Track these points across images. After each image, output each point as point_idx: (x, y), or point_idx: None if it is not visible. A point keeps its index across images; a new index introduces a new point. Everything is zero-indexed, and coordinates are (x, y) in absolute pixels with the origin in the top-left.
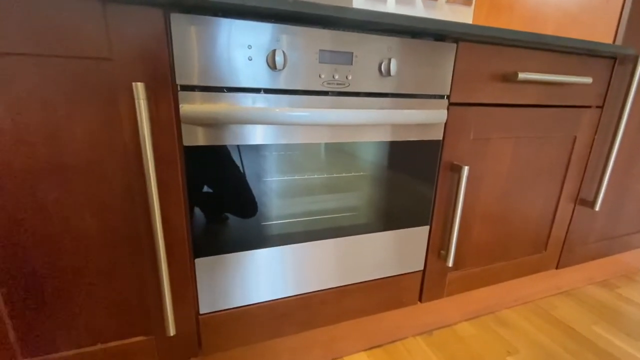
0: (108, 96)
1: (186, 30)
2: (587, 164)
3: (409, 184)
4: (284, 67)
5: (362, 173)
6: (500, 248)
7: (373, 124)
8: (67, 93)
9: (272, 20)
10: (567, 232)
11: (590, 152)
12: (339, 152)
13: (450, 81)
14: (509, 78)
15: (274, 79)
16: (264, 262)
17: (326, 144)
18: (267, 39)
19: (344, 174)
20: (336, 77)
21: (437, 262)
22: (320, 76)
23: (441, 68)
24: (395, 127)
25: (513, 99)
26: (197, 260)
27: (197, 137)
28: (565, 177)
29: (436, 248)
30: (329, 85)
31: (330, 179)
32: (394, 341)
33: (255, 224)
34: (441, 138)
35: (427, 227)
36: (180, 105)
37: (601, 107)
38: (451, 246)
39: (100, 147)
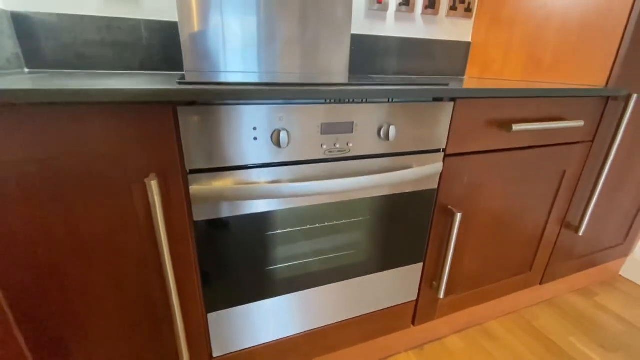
0: (122, 186)
1: (193, 120)
2: (574, 193)
3: (405, 226)
4: (288, 145)
5: (360, 218)
6: (489, 273)
7: (372, 187)
8: (83, 189)
9: (276, 102)
10: (551, 253)
11: (578, 182)
12: (338, 203)
13: (446, 136)
14: (504, 128)
15: (278, 154)
16: (270, 309)
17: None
18: (271, 119)
19: (343, 221)
20: (337, 145)
21: (429, 291)
22: (322, 146)
23: (438, 125)
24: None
25: (506, 144)
26: (209, 315)
27: (207, 212)
28: (552, 205)
29: (429, 280)
30: (330, 154)
31: (330, 226)
32: (387, 357)
33: (261, 275)
34: (436, 187)
35: (420, 264)
36: (190, 187)
37: (591, 141)
38: (443, 280)
39: (117, 230)
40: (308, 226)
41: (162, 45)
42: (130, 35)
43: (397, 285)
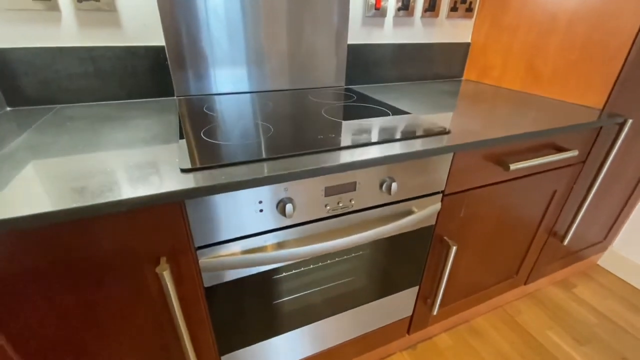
0: (134, 272)
1: (199, 207)
2: (562, 208)
3: (403, 257)
4: (293, 212)
5: (360, 252)
6: (479, 282)
7: (375, 238)
8: (96, 278)
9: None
10: (537, 259)
11: (567, 199)
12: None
13: (446, 178)
14: (501, 166)
15: (283, 221)
16: (279, 343)
17: None
18: (276, 192)
19: (344, 257)
20: (341, 204)
21: (424, 306)
22: (326, 206)
23: (438, 172)
24: None
25: (503, 177)
26: (222, 357)
27: (217, 278)
28: (541, 220)
29: (424, 297)
30: (333, 211)
31: (332, 264)
32: (383, 358)
33: (270, 316)
34: (434, 223)
35: (417, 287)
36: (200, 260)
37: (583, 162)
38: (437, 299)
39: (132, 306)
40: (311, 266)
41: (150, 71)
42: (115, 64)
43: (395, 306)
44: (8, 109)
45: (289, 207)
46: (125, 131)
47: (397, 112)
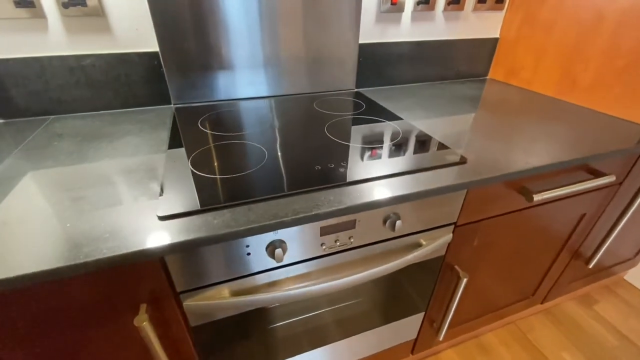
0: (115, 319)
1: (178, 256)
2: (590, 231)
3: (409, 285)
4: (284, 255)
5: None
6: (491, 304)
7: (377, 276)
8: (79, 326)
9: None
10: (557, 280)
11: (596, 222)
12: None
13: (458, 211)
14: (523, 195)
15: (274, 263)
16: None
17: None
18: (264, 236)
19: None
20: (338, 242)
21: (429, 329)
22: (321, 245)
23: (450, 205)
24: None
25: (524, 205)
26: None
27: (205, 318)
28: (566, 243)
29: (430, 321)
30: (330, 249)
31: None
32: None
33: (265, 345)
34: (444, 253)
35: (422, 313)
36: (184, 304)
37: (619, 184)
38: (444, 325)
39: (118, 349)
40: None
41: (145, 78)
42: (107, 72)
43: (398, 330)
44: (1, 121)
45: (278, 251)
46: (111, 156)
47: (407, 129)
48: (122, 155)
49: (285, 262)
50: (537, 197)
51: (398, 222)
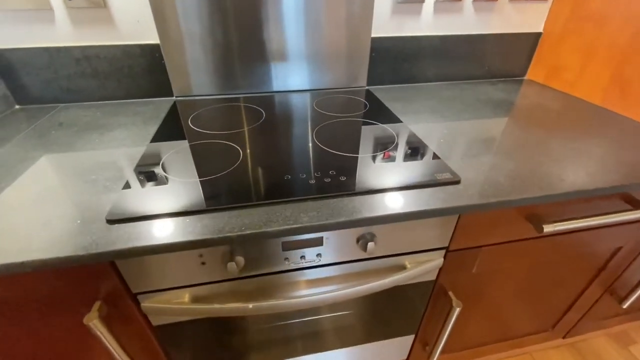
0: (73, 315)
1: (128, 260)
2: (627, 267)
3: (398, 304)
4: (241, 268)
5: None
6: (498, 333)
7: (352, 297)
8: (38, 317)
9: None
10: (584, 315)
11: (635, 258)
12: None
13: (450, 236)
14: (531, 223)
15: (231, 274)
16: None
17: None
18: (217, 247)
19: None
20: (304, 259)
21: (422, 352)
22: (285, 260)
23: (439, 229)
24: None
25: (537, 232)
26: None
27: (165, 319)
28: (595, 277)
29: (422, 343)
30: (296, 265)
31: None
32: None
33: (240, 347)
34: (434, 278)
35: (413, 335)
36: (141, 305)
37: None
38: (436, 350)
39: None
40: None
41: (147, 70)
42: (110, 64)
43: (388, 350)
44: (17, 107)
45: (231, 264)
46: (95, 149)
47: (404, 136)
48: (105, 148)
49: (244, 275)
50: (548, 228)
51: (370, 244)
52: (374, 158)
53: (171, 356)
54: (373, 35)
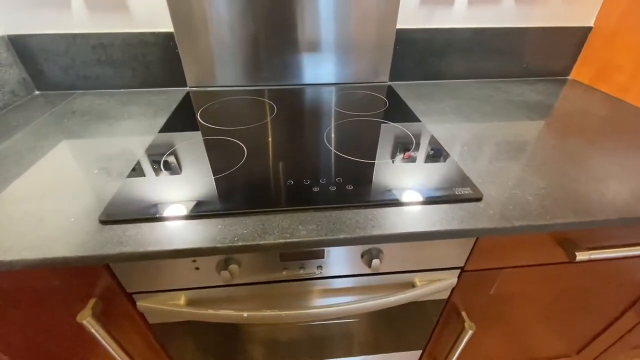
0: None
1: (124, 267)
2: None
3: (405, 319)
4: (237, 275)
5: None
6: (517, 355)
7: (354, 313)
8: (37, 308)
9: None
10: (617, 341)
11: None
12: None
13: (466, 256)
14: (562, 247)
15: (226, 281)
16: None
17: None
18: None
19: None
20: (303, 270)
21: None
22: (282, 270)
23: (454, 249)
24: None
25: (568, 258)
26: None
27: (161, 318)
28: (632, 306)
29: (430, 356)
30: (295, 275)
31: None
32: None
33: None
34: (446, 297)
35: (420, 351)
36: (137, 304)
37: None
38: None
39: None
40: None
41: (161, 59)
42: (125, 52)
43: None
44: (37, 92)
45: (225, 273)
46: (102, 140)
47: (427, 143)
48: (112, 140)
49: (239, 282)
50: (582, 256)
51: (375, 261)
52: (386, 166)
53: (170, 352)
54: (398, 26)
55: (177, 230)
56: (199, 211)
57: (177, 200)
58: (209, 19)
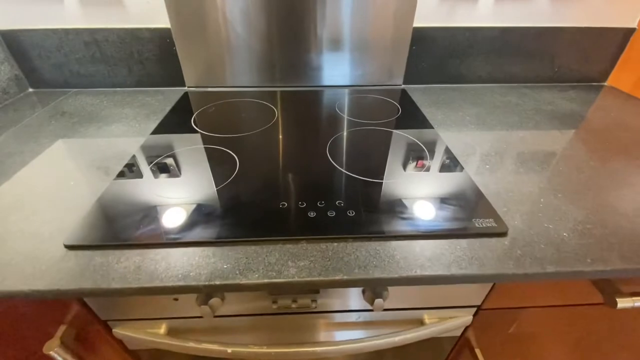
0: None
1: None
2: None
3: (414, 348)
4: (219, 308)
5: None
6: None
7: (352, 353)
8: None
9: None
10: None
11: None
12: None
13: (483, 296)
14: (600, 292)
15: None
16: None
17: None
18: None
19: None
20: (295, 304)
21: None
22: (273, 303)
23: (470, 288)
24: None
25: (602, 299)
26: None
27: (141, 345)
28: None
29: None
30: (286, 309)
31: None
32: None
33: None
34: (459, 335)
35: None
36: (113, 331)
37: None
38: None
39: None
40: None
41: (157, 57)
42: (120, 49)
43: None
44: (30, 90)
45: (205, 308)
46: (87, 145)
47: (443, 159)
48: (96, 146)
49: (224, 313)
50: (624, 304)
51: (378, 300)
52: (395, 187)
53: None
54: (415, 24)
55: (148, 261)
56: (174, 238)
57: (152, 224)
58: (208, 14)
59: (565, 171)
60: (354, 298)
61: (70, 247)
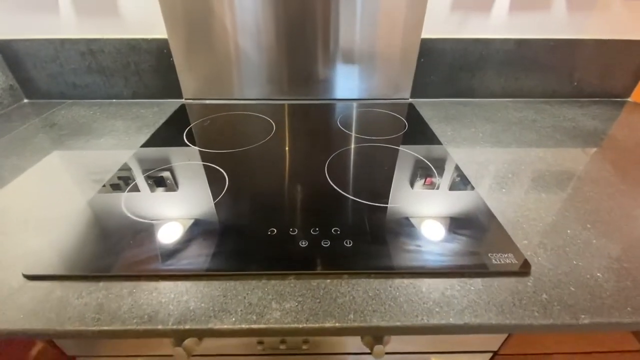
0: None
1: None
2: None
3: None
4: (195, 351)
5: None
6: None
7: None
8: None
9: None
10: None
11: None
12: None
13: (501, 342)
14: (638, 338)
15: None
16: None
17: None
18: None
19: None
20: (283, 346)
21: None
22: (258, 345)
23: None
24: None
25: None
26: None
27: None
28: None
29: None
30: (273, 350)
31: None
32: None
33: None
34: None
35: None
36: None
37: None
38: None
39: None
40: None
41: (154, 68)
42: (116, 59)
43: None
44: (25, 100)
45: (180, 349)
46: (71, 161)
47: (453, 181)
48: (80, 160)
49: (201, 353)
50: None
51: (378, 347)
52: (400, 212)
53: None
54: (424, 36)
55: (112, 297)
56: (145, 270)
57: (123, 252)
58: (207, 25)
59: (593, 197)
60: (352, 339)
61: (29, 278)
